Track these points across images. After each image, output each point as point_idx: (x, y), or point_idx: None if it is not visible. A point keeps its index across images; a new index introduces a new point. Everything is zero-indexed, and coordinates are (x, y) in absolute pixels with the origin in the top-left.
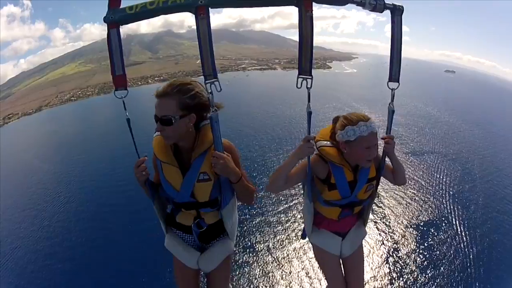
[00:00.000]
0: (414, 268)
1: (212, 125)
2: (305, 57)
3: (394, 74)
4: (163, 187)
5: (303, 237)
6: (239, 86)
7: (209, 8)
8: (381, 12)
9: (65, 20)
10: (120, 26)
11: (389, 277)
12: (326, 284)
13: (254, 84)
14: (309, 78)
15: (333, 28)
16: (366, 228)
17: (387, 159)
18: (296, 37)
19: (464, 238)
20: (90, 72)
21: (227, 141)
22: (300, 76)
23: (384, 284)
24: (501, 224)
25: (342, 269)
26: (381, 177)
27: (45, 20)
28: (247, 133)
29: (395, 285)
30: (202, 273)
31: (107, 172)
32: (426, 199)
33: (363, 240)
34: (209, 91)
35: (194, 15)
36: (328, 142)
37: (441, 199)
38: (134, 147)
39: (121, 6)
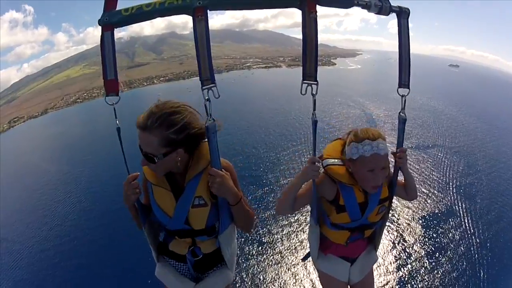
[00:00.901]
0: (422, 255)
1: (208, 137)
2: (310, 60)
3: (404, 79)
4: (154, 212)
5: (304, 259)
6: (245, 84)
7: (208, 10)
8: (387, 15)
9: (68, 24)
10: (115, 28)
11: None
12: None
13: (260, 82)
14: (314, 84)
15: (337, 25)
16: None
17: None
18: (300, 35)
19: (469, 227)
20: (95, 74)
21: (224, 160)
22: (304, 81)
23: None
24: (504, 214)
25: None
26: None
27: (48, 25)
28: (254, 131)
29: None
30: None
31: (116, 173)
32: (431, 190)
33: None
34: (206, 97)
35: (192, 17)
36: (336, 160)
37: (445, 191)
38: (124, 161)
39: (117, 8)
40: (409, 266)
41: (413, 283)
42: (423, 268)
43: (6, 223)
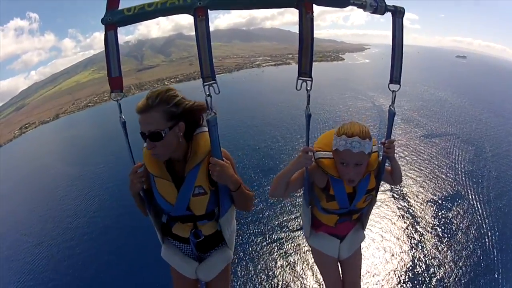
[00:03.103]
0: (433, 240)
1: (210, 129)
2: (305, 58)
3: (395, 76)
4: (158, 202)
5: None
6: (255, 82)
7: (208, 10)
8: (382, 14)
9: (74, 30)
10: (118, 28)
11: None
12: (324, 285)
13: (270, 79)
14: (309, 80)
15: (343, 20)
16: (367, 231)
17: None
18: None
19: (480, 211)
20: (104, 79)
21: (223, 149)
22: (300, 78)
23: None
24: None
25: (340, 270)
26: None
27: (55, 31)
28: (265, 130)
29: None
30: (201, 282)
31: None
32: (441, 176)
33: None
34: (207, 93)
35: (193, 17)
36: (327, 153)
37: (455, 177)
38: (130, 153)
39: (119, 8)
40: (416, 246)
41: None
42: (432, 248)
43: (27, 220)
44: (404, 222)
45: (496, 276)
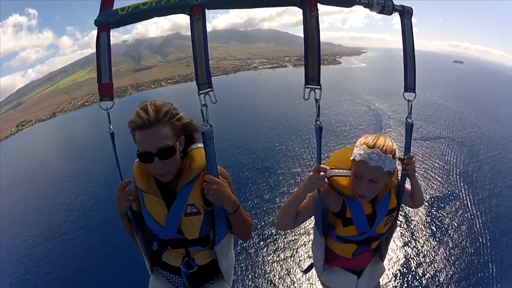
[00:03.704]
0: (426, 239)
1: (205, 143)
2: (312, 62)
3: (410, 82)
4: (145, 221)
5: (306, 271)
6: (252, 84)
7: (206, 9)
8: (390, 14)
9: (73, 28)
10: (112, 29)
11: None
12: None
13: (268, 82)
14: (317, 88)
15: (341, 23)
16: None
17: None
18: None
19: (474, 211)
20: None
21: (220, 167)
22: (307, 86)
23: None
24: (506, 198)
25: None
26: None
27: (53, 28)
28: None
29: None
30: None
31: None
32: (436, 177)
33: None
34: (203, 102)
35: (189, 16)
36: (341, 171)
37: (449, 177)
38: (117, 167)
39: (114, 8)
40: (414, 247)
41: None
42: (429, 247)
43: (24, 214)
44: (401, 223)
45: (489, 273)
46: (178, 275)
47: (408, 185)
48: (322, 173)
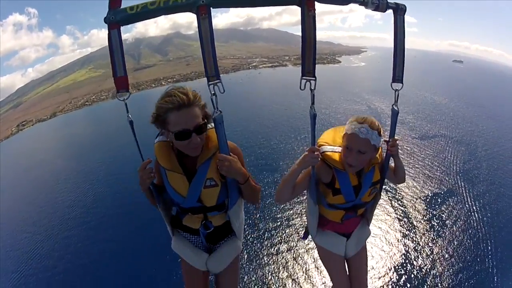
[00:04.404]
0: (426, 233)
1: (216, 127)
2: (308, 57)
3: (398, 74)
4: (169, 193)
5: (304, 237)
6: (252, 83)
7: (211, 8)
8: (384, 11)
9: (72, 27)
10: (121, 26)
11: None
12: (331, 283)
13: (267, 81)
14: (312, 80)
15: (341, 22)
16: (370, 227)
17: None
18: None
19: (473, 207)
20: (101, 77)
21: (231, 142)
22: (303, 77)
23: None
24: (503, 194)
25: (347, 268)
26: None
27: (53, 27)
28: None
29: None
30: (211, 274)
31: (132, 171)
32: (435, 174)
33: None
34: (212, 92)
35: (196, 15)
36: (332, 147)
37: (448, 174)
38: (138, 150)
39: (121, 7)
40: (414, 241)
41: (416, 256)
42: (429, 242)
43: (25, 213)
44: (401, 219)
45: (486, 266)
46: (197, 235)
47: (392, 164)
48: (316, 153)
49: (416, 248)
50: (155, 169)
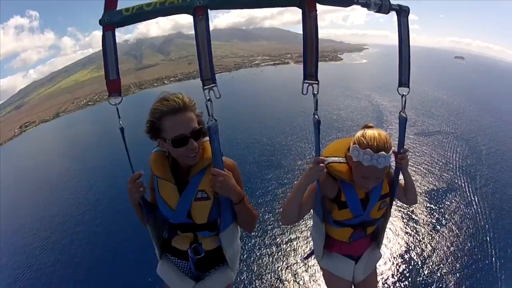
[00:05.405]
0: (429, 230)
1: (210, 136)
2: (310, 60)
3: (404, 78)
4: (159, 206)
5: (306, 258)
6: (254, 81)
7: (208, 10)
8: (387, 13)
9: (74, 28)
10: (116, 28)
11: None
12: None
13: (270, 78)
14: (315, 84)
15: (343, 20)
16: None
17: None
18: None
19: (475, 201)
20: (103, 78)
21: (228, 159)
22: (305, 81)
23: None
24: (504, 188)
25: None
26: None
27: (55, 29)
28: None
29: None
30: None
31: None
32: (436, 170)
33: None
34: (207, 97)
35: (192, 16)
36: (337, 158)
37: (450, 170)
38: (129, 160)
39: (117, 8)
40: (412, 246)
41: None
42: (429, 241)
43: (27, 214)
44: (403, 217)
45: (489, 263)
46: (186, 261)
47: (401, 181)
48: (321, 164)
49: (416, 244)
50: (150, 186)
